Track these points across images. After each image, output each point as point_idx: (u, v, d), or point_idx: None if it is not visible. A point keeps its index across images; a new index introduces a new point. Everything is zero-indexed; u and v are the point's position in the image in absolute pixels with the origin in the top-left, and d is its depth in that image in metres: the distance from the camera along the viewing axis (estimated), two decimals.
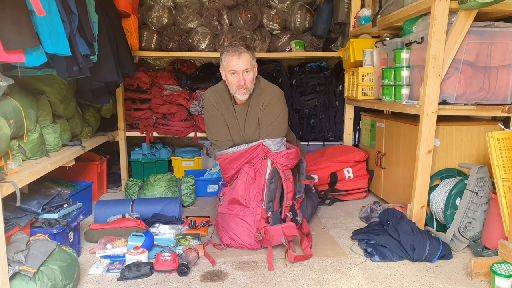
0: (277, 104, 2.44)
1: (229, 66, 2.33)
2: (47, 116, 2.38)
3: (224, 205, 2.40)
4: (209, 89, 2.58)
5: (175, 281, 1.94)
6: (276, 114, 2.42)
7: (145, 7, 3.73)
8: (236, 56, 2.30)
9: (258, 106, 2.44)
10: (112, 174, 3.81)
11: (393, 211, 2.41)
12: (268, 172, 2.29)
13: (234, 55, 2.30)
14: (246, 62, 2.31)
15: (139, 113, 3.66)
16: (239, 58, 2.30)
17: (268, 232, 2.16)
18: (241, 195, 2.31)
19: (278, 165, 2.25)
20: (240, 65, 2.30)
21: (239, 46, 2.32)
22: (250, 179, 2.33)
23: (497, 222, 2.04)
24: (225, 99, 2.50)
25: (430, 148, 2.32)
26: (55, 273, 1.66)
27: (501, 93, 2.36)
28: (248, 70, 2.32)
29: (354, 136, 3.83)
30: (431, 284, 1.91)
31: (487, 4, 1.99)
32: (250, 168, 2.36)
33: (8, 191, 1.67)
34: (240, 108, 2.47)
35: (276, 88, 2.50)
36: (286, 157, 2.26)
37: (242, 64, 2.30)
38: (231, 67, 2.31)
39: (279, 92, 2.49)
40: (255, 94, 2.45)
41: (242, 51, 2.30)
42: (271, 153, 2.30)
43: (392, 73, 2.67)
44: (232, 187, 2.40)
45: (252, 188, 2.31)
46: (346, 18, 3.55)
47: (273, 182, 2.28)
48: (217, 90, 2.54)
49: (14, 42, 1.60)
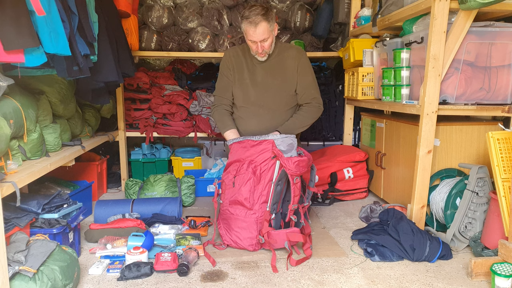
0: (308, 62, 2.62)
1: (247, 35, 2.43)
2: (47, 116, 2.38)
3: (225, 203, 2.34)
4: (231, 47, 2.77)
5: (175, 281, 1.94)
6: (311, 71, 2.62)
7: (145, 7, 3.73)
8: (253, 27, 2.36)
9: (284, 60, 2.56)
10: (112, 174, 3.81)
11: (393, 211, 2.41)
12: (276, 174, 2.25)
13: (251, 26, 2.36)
14: (263, 32, 2.37)
15: (139, 113, 3.66)
16: (256, 28, 2.35)
17: (272, 237, 2.15)
18: (245, 198, 2.25)
19: (288, 170, 2.21)
20: (258, 36, 2.37)
21: (256, 15, 2.34)
22: (256, 181, 2.27)
23: (497, 222, 2.04)
24: (240, 56, 2.62)
25: (430, 148, 2.32)
26: (55, 273, 1.66)
27: (501, 93, 2.36)
28: (265, 39, 2.40)
29: (354, 136, 3.83)
30: (431, 284, 1.91)
31: (487, 4, 1.99)
32: (256, 168, 2.29)
33: (8, 191, 1.67)
34: (261, 64, 2.57)
35: (300, 48, 2.68)
36: (297, 165, 2.20)
37: (259, 35, 2.37)
38: (249, 37, 2.41)
39: (304, 52, 2.66)
40: (278, 49, 2.57)
41: (258, 21, 2.34)
42: (283, 157, 2.23)
43: (392, 73, 2.67)
44: (235, 188, 2.32)
45: (257, 190, 2.26)
46: (346, 18, 3.55)
47: (279, 184, 2.25)
48: (235, 48, 2.68)
49: (14, 42, 1.60)
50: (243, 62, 2.61)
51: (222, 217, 2.37)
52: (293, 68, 2.56)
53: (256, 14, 2.35)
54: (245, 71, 2.60)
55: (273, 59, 2.57)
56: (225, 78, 2.64)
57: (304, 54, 2.62)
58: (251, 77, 2.59)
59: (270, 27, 2.40)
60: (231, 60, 2.63)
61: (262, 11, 2.36)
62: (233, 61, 2.62)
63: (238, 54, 2.63)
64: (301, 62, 2.57)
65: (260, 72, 2.58)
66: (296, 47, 2.67)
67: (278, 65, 2.57)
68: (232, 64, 2.62)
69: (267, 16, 2.37)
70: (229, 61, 2.63)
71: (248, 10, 2.38)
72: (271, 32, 2.42)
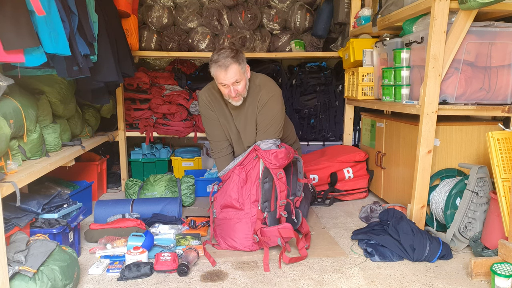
0: (275, 104, 2.40)
1: (218, 79, 2.27)
2: (47, 116, 2.38)
3: (218, 211, 2.36)
4: (203, 88, 2.55)
5: (175, 281, 1.94)
6: (273, 114, 2.39)
7: (145, 7, 3.73)
8: (223, 70, 2.21)
9: (255, 104, 2.40)
10: (112, 174, 3.81)
11: (393, 211, 2.41)
12: (261, 172, 2.27)
13: (221, 70, 2.22)
14: (234, 74, 2.23)
15: (139, 113, 3.66)
16: (227, 72, 2.21)
17: (265, 234, 2.15)
18: (234, 198, 2.28)
19: (268, 164, 2.22)
20: (229, 79, 2.23)
21: (225, 57, 2.21)
22: (242, 181, 2.30)
23: (497, 222, 2.04)
24: (219, 99, 2.47)
25: (430, 148, 2.32)
26: (55, 273, 1.66)
27: (501, 93, 2.36)
28: (238, 81, 2.26)
29: (354, 136, 3.83)
30: (431, 284, 1.91)
31: (487, 4, 1.99)
32: (241, 170, 2.34)
33: (8, 191, 1.67)
34: (236, 109, 2.44)
35: (274, 87, 2.45)
36: (275, 156, 2.21)
37: (230, 77, 2.23)
38: (220, 80, 2.26)
39: (278, 91, 2.45)
40: (252, 93, 2.40)
41: (228, 64, 2.20)
42: (260, 150, 2.28)
43: (392, 73, 2.67)
44: (223, 192, 2.35)
45: (245, 189, 2.29)
46: (346, 18, 3.55)
47: (267, 181, 2.24)
48: (210, 89, 2.51)
49: (14, 42, 1.60)
50: (217, 103, 2.48)
51: (216, 225, 2.38)
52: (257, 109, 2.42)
53: (225, 57, 2.21)
54: (225, 113, 2.48)
55: (247, 104, 2.41)
56: (211, 119, 2.51)
57: (275, 95, 2.41)
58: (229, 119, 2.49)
59: (241, 69, 2.26)
60: (207, 98, 2.49)
61: (231, 54, 2.23)
62: (209, 100, 2.49)
63: (210, 96, 2.48)
64: (268, 103, 2.39)
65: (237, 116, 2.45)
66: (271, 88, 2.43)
67: (248, 112, 2.42)
68: (210, 103, 2.49)
69: (237, 58, 2.24)
70: (205, 99, 2.50)
71: (217, 53, 2.25)
72: (243, 74, 2.28)
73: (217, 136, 2.54)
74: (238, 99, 2.33)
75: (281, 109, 2.44)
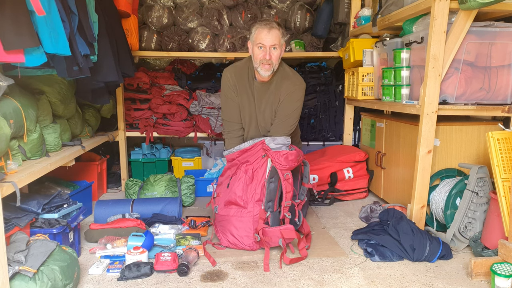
0: (298, 98, 2.50)
1: (258, 39, 2.35)
2: (47, 116, 2.38)
3: (221, 207, 2.37)
4: (228, 67, 2.60)
5: (175, 281, 1.94)
6: (294, 107, 2.48)
7: (145, 7, 3.73)
8: (266, 29, 2.32)
9: (279, 90, 2.46)
10: (112, 174, 3.81)
11: (393, 211, 2.41)
12: (267, 171, 2.27)
13: (264, 29, 2.33)
14: (275, 38, 2.33)
15: (139, 113, 3.66)
16: (269, 32, 2.32)
17: (267, 234, 2.16)
18: (239, 196, 2.28)
19: (277, 165, 2.24)
20: (269, 40, 2.32)
21: (271, 21, 2.36)
22: (248, 179, 2.30)
23: (497, 222, 2.04)
24: (243, 76, 2.51)
25: (430, 148, 2.32)
26: (55, 273, 1.66)
27: (501, 93, 2.36)
28: (275, 46, 2.34)
29: (354, 136, 3.83)
30: (431, 284, 1.91)
31: (487, 4, 1.99)
32: (248, 167, 2.34)
33: (8, 191, 1.67)
34: (260, 86, 2.48)
35: (301, 80, 2.55)
36: (285, 158, 2.24)
37: (271, 39, 2.32)
38: (260, 40, 2.34)
39: (303, 85, 2.53)
40: (279, 76, 2.47)
41: (273, 26, 2.33)
42: (271, 151, 2.28)
43: (392, 73, 2.67)
44: (229, 189, 2.36)
45: (250, 188, 2.29)
46: (346, 18, 3.55)
47: (272, 181, 2.25)
48: (236, 67, 2.56)
49: (14, 42, 1.60)
50: (241, 80, 2.51)
51: (218, 221, 2.38)
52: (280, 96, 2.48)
53: (271, 21, 2.38)
54: (247, 89, 2.51)
55: (273, 83, 2.47)
56: (229, 100, 2.55)
57: (300, 88, 2.50)
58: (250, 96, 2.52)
59: (282, 37, 2.38)
60: (230, 76, 2.52)
61: (276, 21, 2.41)
62: (232, 78, 2.52)
63: (235, 73, 2.51)
64: (292, 94, 2.47)
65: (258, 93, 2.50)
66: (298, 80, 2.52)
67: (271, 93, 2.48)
68: (233, 80, 2.52)
69: (281, 27, 2.39)
70: (228, 77, 2.53)
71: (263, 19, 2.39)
72: (281, 45, 2.38)
73: (232, 117, 2.58)
74: (269, 68, 2.37)
75: (301, 105, 2.53)
